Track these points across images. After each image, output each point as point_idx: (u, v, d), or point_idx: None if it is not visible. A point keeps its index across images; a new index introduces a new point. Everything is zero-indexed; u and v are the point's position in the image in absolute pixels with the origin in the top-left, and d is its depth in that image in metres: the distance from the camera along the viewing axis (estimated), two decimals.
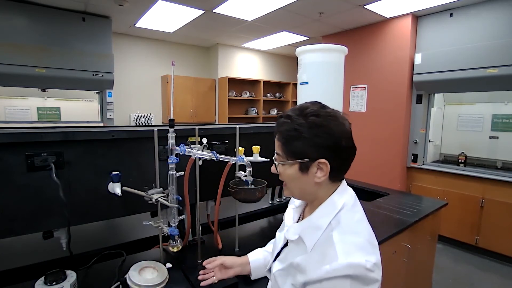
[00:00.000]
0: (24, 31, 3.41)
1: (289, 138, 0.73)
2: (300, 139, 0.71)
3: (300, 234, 0.75)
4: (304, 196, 0.80)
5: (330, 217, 0.72)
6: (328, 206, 0.74)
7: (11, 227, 0.97)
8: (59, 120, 4.02)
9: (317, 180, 0.72)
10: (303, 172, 0.73)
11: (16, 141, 0.95)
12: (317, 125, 0.70)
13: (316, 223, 0.73)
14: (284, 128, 0.74)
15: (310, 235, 0.72)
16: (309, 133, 0.70)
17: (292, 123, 0.73)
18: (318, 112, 0.72)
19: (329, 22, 4.11)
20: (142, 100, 5.19)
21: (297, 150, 0.72)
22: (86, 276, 1.12)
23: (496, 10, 3.20)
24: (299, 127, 0.71)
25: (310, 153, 0.71)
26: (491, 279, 2.86)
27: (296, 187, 0.77)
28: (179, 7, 3.62)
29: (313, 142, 0.70)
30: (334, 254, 0.64)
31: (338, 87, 2.09)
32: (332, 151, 0.71)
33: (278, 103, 6.57)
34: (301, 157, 0.72)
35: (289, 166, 0.74)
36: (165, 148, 1.17)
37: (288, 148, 0.74)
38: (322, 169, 0.71)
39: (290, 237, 0.77)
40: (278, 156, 0.77)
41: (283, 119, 0.75)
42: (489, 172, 3.23)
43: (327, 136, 0.70)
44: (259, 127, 1.57)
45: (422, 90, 3.81)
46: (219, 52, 5.59)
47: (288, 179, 0.77)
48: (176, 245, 1.13)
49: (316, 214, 0.74)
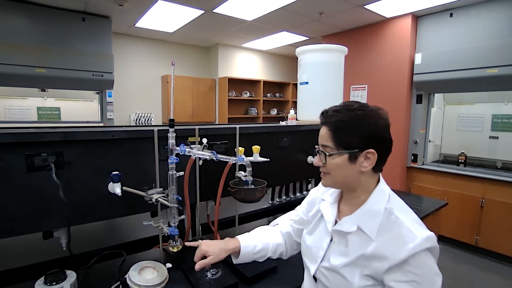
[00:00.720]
0: (24, 31, 3.41)
1: (340, 128, 0.77)
2: (351, 129, 0.76)
3: (358, 224, 0.77)
4: (346, 185, 0.83)
5: (384, 202, 0.78)
6: (380, 193, 0.80)
7: (11, 227, 0.97)
8: (59, 120, 4.02)
9: (363, 169, 0.77)
10: (351, 162, 0.77)
11: (16, 141, 0.95)
12: (366, 117, 0.77)
13: (374, 210, 0.77)
14: (335, 119, 0.78)
15: (370, 222, 0.76)
16: (359, 124, 0.76)
17: (342, 115, 0.78)
18: (364, 106, 0.79)
19: (329, 22, 4.11)
20: (142, 100, 5.19)
21: (348, 140, 0.76)
22: (86, 276, 1.12)
23: (496, 10, 3.20)
24: (350, 119, 0.77)
25: (360, 143, 0.76)
26: (491, 279, 2.86)
27: (340, 175, 0.80)
28: (179, 7, 3.62)
29: (363, 132, 0.76)
30: (410, 232, 0.70)
31: (338, 87, 2.09)
32: (378, 142, 0.77)
33: (278, 103, 6.57)
34: (351, 147, 0.76)
35: (338, 156, 0.78)
36: (165, 148, 1.17)
37: (338, 139, 0.77)
38: (369, 158, 0.76)
39: (348, 229, 0.79)
40: (326, 147, 0.80)
41: (332, 112, 0.80)
42: (489, 172, 3.23)
43: (375, 127, 0.77)
44: (259, 127, 1.57)
45: (422, 90, 3.81)
46: (219, 52, 5.59)
47: (333, 168, 0.80)
48: (176, 245, 1.13)
49: (371, 201, 0.79)
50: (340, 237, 0.82)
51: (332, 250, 0.83)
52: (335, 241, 0.83)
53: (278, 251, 1.04)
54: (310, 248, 0.90)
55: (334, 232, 0.84)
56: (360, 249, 0.76)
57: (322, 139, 0.81)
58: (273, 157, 1.43)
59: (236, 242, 0.99)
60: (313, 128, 1.86)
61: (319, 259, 0.85)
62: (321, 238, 0.88)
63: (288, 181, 2.00)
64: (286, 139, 1.69)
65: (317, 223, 0.93)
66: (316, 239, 0.90)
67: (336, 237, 0.83)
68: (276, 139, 1.66)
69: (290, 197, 2.13)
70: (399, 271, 0.69)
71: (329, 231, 0.85)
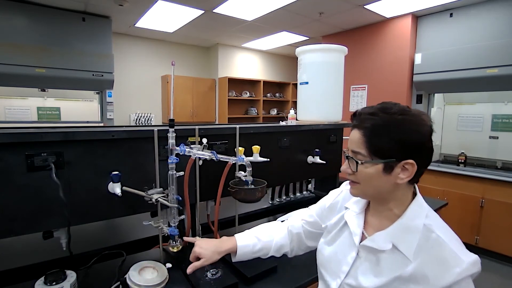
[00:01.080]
0: (24, 31, 3.41)
1: (376, 135, 0.68)
2: (389, 136, 0.67)
3: (393, 241, 0.69)
4: (378, 197, 0.74)
5: (422, 218, 0.69)
6: (418, 207, 0.71)
7: (11, 227, 0.97)
8: (59, 120, 4.02)
9: (399, 181, 0.68)
10: (386, 172, 0.68)
11: (16, 141, 0.94)
12: (408, 122, 0.67)
13: (411, 226, 0.68)
14: (371, 124, 0.69)
15: (407, 240, 0.68)
16: (399, 131, 0.66)
17: (380, 119, 0.68)
18: (405, 110, 0.69)
19: (329, 22, 4.11)
20: (142, 100, 5.19)
21: (384, 148, 0.67)
22: (86, 276, 1.12)
23: (496, 10, 3.20)
24: (389, 124, 0.67)
25: (398, 153, 0.67)
26: (491, 279, 2.86)
27: (371, 187, 0.72)
28: (179, 7, 3.62)
29: (403, 140, 0.66)
30: (454, 255, 0.63)
31: (338, 87, 2.09)
32: (419, 152, 0.67)
33: (278, 103, 6.57)
34: (387, 156, 0.67)
35: (371, 165, 0.69)
36: (165, 148, 1.17)
37: (373, 146, 0.68)
38: (407, 170, 0.67)
39: (381, 247, 0.70)
40: (357, 154, 0.71)
41: (367, 116, 0.70)
42: (489, 172, 3.23)
43: (418, 135, 0.67)
44: (259, 127, 1.57)
45: (422, 90, 3.81)
46: (219, 52, 5.59)
47: (364, 178, 0.71)
48: (176, 245, 1.13)
49: (408, 216, 0.70)
50: (369, 253, 0.74)
51: (360, 267, 0.74)
52: (361, 256, 0.75)
53: (282, 250, 1.01)
54: (329, 261, 0.83)
55: (363, 247, 0.75)
56: (395, 270, 0.67)
57: (354, 145, 0.72)
58: (273, 157, 1.44)
59: (232, 243, 0.97)
60: (313, 128, 1.86)
61: (343, 275, 0.77)
62: (345, 251, 0.79)
63: (288, 181, 2.00)
64: (286, 139, 1.69)
65: (339, 233, 0.85)
66: (337, 251, 0.81)
67: (363, 252, 0.75)
68: (276, 139, 1.66)
69: (290, 197, 2.13)
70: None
71: (355, 245, 0.77)
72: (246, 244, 0.97)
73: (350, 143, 0.74)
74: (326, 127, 1.95)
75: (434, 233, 0.66)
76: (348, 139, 0.76)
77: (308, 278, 1.11)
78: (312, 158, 1.82)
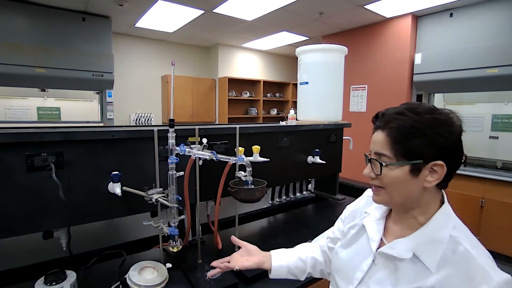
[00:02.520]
0: (24, 31, 3.41)
1: (406, 135, 0.63)
2: (419, 137, 0.62)
3: (414, 251, 0.64)
4: (406, 203, 0.68)
5: (449, 229, 0.64)
6: (444, 216, 0.66)
7: (11, 227, 0.97)
8: (59, 120, 4.02)
9: (426, 184, 0.64)
10: (413, 175, 0.64)
11: (16, 141, 0.94)
12: (438, 122, 0.62)
13: (436, 236, 0.64)
14: (399, 124, 0.64)
15: (429, 251, 0.63)
16: (431, 131, 0.62)
17: (407, 119, 0.64)
18: (433, 109, 0.65)
19: (329, 22, 4.11)
20: (142, 100, 5.19)
21: (413, 149, 0.63)
22: (86, 276, 1.12)
23: (496, 10, 3.20)
24: (417, 125, 0.62)
25: (427, 154, 0.62)
26: None
27: (399, 191, 0.66)
28: (179, 7, 3.62)
29: (434, 141, 0.62)
30: (483, 271, 0.57)
31: (338, 87, 2.09)
32: (450, 153, 0.63)
33: (278, 103, 6.57)
34: (415, 157, 0.63)
35: (397, 167, 0.65)
36: (165, 148, 1.17)
37: (400, 147, 0.64)
38: (436, 172, 0.63)
39: (401, 255, 0.65)
40: (382, 156, 0.66)
41: (394, 115, 0.66)
42: (489, 172, 3.23)
43: (450, 136, 0.62)
44: (259, 127, 1.57)
45: (422, 90, 3.80)
46: (219, 52, 5.59)
47: (390, 182, 0.66)
48: (176, 245, 1.13)
49: (433, 226, 0.65)
50: (386, 261, 0.69)
51: (375, 275, 0.70)
52: (378, 263, 0.71)
53: (317, 267, 0.96)
54: (343, 266, 0.79)
55: (380, 254, 0.70)
56: (414, 282, 0.63)
57: (377, 146, 0.67)
58: (273, 157, 1.43)
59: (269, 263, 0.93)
60: (313, 128, 1.86)
61: (356, 282, 0.73)
62: (360, 256, 0.75)
63: (288, 181, 2.00)
64: (286, 139, 1.69)
65: (355, 237, 0.80)
66: (352, 256, 0.77)
67: (380, 259, 0.70)
68: (276, 139, 1.66)
69: (290, 197, 2.13)
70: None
71: (371, 251, 0.72)
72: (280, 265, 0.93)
73: (373, 145, 0.69)
74: (326, 127, 1.95)
75: (461, 245, 0.61)
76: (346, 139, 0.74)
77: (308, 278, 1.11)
78: (312, 158, 1.82)
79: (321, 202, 2.13)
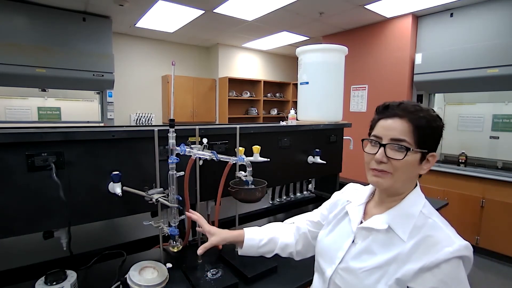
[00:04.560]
0: (24, 31, 3.41)
1: (425, 126, 0.72)
2: (432, 129, 0.73)
3: (389, 223, 0.73)
4: (404, 186, 0.76)
5: (420, 206, 0.74)
6: (417, 197, 0.76)
7: (11, 227, 0.97)
8: (60, 120, 4.02)
9: (422, 172, 0.75)
10: (420, 163, 0.74)
11: (17, 141, 0.94)
12: (438, 119, 0.75)
13: (409, 212, 0.73)
14: (419, 115, 0.73)
15: (402, 224, 0.72)
16: (436, 125, 0.74)
17: (424, 112, 0.73)
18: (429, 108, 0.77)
19: (329, 22, 4.11)
20: (143, 100, 5.19)
21: (426, 139, 0.73)
22: (87, 276, 1.12)
23: (497, 10, 3.20)
24: (430, 118, 0.73)
25: (431, 145, 0.74)
26: (491, 279, 2.86)
27: (404, 176, 0.74)
28: (179, 7, 3.62)
29: (437, 134, 0.74)
30: (448, 237, 0.67)
31: (339, 87, 2.09)
32: (436, 146, 0.75)
33: (279, 103, 6.57)
34: (425, 147, 0.73)
35: (413, 154, 0.72)
36: (165, 148, 1.17)
37: (420, 136, 0.72)
38: (430, 162, 0.75)
39: (377, 226, 0.74)
40: (401, 141, 0.72)
41: (414, 107, 0.74)
42: (490, 172, 3.22)
43: (440, 132, 0.75)
44: (260, 127, 1.57)
45: (422, 90, 3.80)
46: (219, 52, 5.59)
47: (403, 167, 0.72)
48: (176, 245, 1.13)
49: (407, 203, 0.75)
50: (364, 237, 0.77)
51: (354, 252, 0.77)
52: (357, 242, 0.78)
53: (287, 250, 1.01)
54: (327, 249, 0.85)
55: (359, 230, 0.78)
56: (388, 251, 0.71)
57: (395, 132, 0.73)
58: (273, 157, 1.43)
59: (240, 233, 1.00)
60: (313, 128, 1.86)
61: (337, 261, 0.79)
62: (342, 238, 0.82)
63: (289, 181, 2.00)
64: (287, 139, 1.69)
65: (338, 222, 0.88)
66: (335, 239, 0.84)
67: (359, 238, 0.78)
68: (276, 139, 1.66)
69: (291, 197, 2.13)
70: (429, 275, 0.64)
71: (352, 232, 0.80)
72: (252, 238, 0.99)
73: (388, 131, 0.74)
74: (326, 127, 1.95)
75: (430, 219, 0.71)
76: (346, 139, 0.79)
77: (308, 278, 1.11)
78: (313, 158, 1.82)
79: (322, 202, 2.11)
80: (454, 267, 0.63)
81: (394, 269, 0.68)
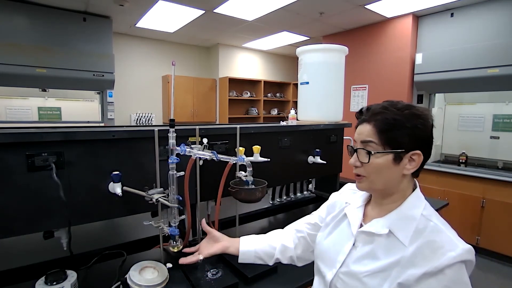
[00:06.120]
0: (24, 31, 3.42)
1: (389, 126, 0.72)
2: (401, 128, 0.71)
3: (389, 227, 0.72)
4: (386, 189, 0.75)
5: (421, 208, 0.72)
6: (417, 199, 0.75)
7: (11, 227, 0.97)
8: (60, 120, 4.02)
9: (405, 172, 0.73)
10: (395, 163, 0.72)
11: (17, 141, 0.94)
12: (417, 116, 0.72)
13: (409, 215, 0.72)
14: (383, 117, 0.72)
15: (403, 227, 0.71)
16: (410, 123, 0.71)
17: (391, 113, 0.72)
18: (411, 106, 0.74)
19: (330, 22, 4.11)
20: (143, 100, 5.19)
21: (396, 139, 0.71)
22: (87, 276, 1.12)
23: (497, 10, 3.20)
24: (400, 117, 0.71)
25: (407, 144, 0.71)
26: (491, 279, 2.86)
27: (381, 178, 0.74)
28: (179, 7, 3.62)
29: (413, 132, 0.71)
30: (451, 240, 0.66)
31: (339, 87, 2.09)
32: (425, 144, 0.73)
33: (279, 103, 6.57)
34: (398, 147, 0.71)
35: (382, 155, 0.72)
36: (165, 148, 1.17)
37: (386, 137, 0.72)
38: (414, 160, 0.72)
39: (378, 231, 0.73)
40: (368, 143, 0.73)
41: (379, 109, 0.74)
42: (490, 172, 3.22)
43: (425, 128, 0.72)
44: (260, 127, 1.57)
45: (423, 90, 3.80)
46: (220, 52, 5.59)
47: (374, 169, 0.73)
48: (177, 245, 1.13)
49: (406, 206, 0.73)
50: (365, 241, 0.76)
51: (355, 255, 0.76)
52: (358, 246, 0.77)
53: (287, 253, 1.01)
54: (326, 252, 0.84)
55: (360, 234, 0.77)
56: (390, 256, 0.69)
57: (364, 135, 0.75)
58: (273, 157, 1.43)
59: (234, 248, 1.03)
60: (313, 128, 1.86)
61: (338, 264, 0.78)
62: (342, 241, 0.81)
63: (289, 181, 2.00)
64: (287, 139, 1.69)
65: (337, 224, 0.87)
66: (335, 242, 0.83)
67: (360, 241, 0.77)
68: (276, 139, 1.65)
69: (291, 197, 2.13)
70: (433, 281, 0.63)
71: (352, 234, 0.79)
72: (247, 250, 1.01)
73: (358, 135, 0.77)
74: (327, 127, 1.94)
75: (432, 221, 0.70)
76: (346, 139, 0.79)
77: (308, 278, 1.11)
78: (313, 158, 1.82)
79: (322, 202, 2.11)
80: (457, 272, 0.63)
81: (397, 273, 0.67)
